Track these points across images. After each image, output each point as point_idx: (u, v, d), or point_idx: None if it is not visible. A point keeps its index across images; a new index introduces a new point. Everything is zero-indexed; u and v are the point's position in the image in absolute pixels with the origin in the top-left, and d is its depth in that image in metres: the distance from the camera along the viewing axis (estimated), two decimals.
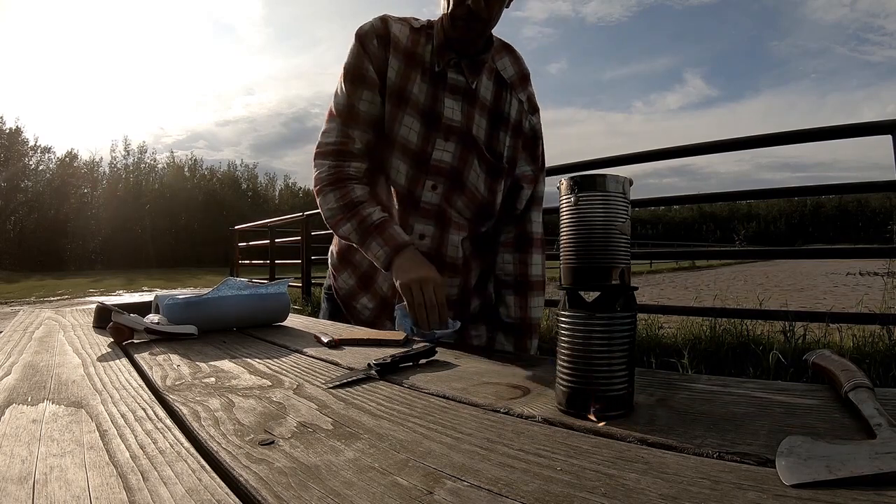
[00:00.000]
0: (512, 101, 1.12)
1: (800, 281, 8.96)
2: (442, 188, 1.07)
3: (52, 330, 1.05)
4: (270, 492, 0.32)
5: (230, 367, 0.68)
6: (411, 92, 1.05)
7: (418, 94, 1.06)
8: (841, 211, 55.71)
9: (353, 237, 1.04)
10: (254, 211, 33.25)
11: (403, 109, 1.05)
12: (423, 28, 1.09)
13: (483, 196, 1.10)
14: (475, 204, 1.10)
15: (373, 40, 1.05)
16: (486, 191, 1.10)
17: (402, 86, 1.05)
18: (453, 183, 1.08)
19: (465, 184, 1.08)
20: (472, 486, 0.32)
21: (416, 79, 1.06)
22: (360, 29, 1.07)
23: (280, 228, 7.14)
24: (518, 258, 1.16)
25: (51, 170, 33.90)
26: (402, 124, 1.05)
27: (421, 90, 1.06)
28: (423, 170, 1.06)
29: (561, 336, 0.48)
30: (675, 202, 6.13)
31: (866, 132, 2.38)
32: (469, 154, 1.08)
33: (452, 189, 1.08)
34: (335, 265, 1.22)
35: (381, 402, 0.51)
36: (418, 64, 1.06)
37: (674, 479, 0.33)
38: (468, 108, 1.08)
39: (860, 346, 2.44)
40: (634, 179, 0.50)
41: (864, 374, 0.46)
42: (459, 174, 1.08)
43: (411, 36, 1.07)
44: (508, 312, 1.16)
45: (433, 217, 1.09)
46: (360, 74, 1.05)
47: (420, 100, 1.06)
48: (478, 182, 1.09)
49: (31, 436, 0.43)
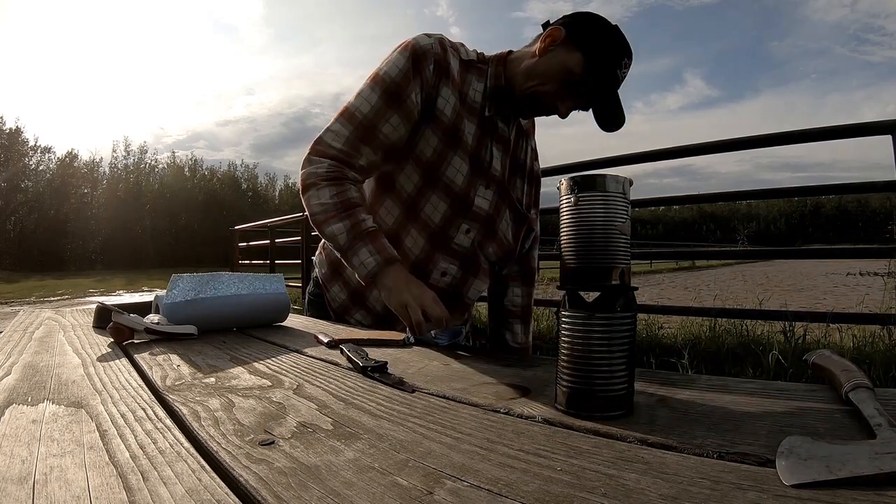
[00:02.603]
0: (527, 147, 1.16)
1: (800, 281, 8.96)
2: (475, 233, 1.08)
3: (52, 330, 1.05)
4: (270, 492, 0.32)
5: (230, 367, 0.68)
6: (465, 133, 1.02)
7: (469, 136, 1.03)
8: (841, 211, 55.71)
9: (340, 238, 0.95)
10: (254, 211, 33.28)
11: (455, 150, 1.01)
12: (473, 64, 1.04)
13: (509, 243, 1.14)
14: (503, 250, 1.14)
15: (430, 64, 0.97)
16: (513, 238, 1.15)
17: (457, 125, 1.01)
18: (487, 230, 1.10)
19: (497, 232, 1.11)
20: (472, 486, 0.32)
21: (469, 120, 1.03)
22: (417, 45, 0.97)
23: (280, 228, 7.13)
24: (525, 291, 1.26)
25: (51, 170, 33.96)
26: (451, 164, 1.02)
27: (471, 133, 1.03)
28: (462, 213, 1.05)
29: (561, 336, 0.48)
30: (675, 202, 6.13)
31: (866, 132, 2.38)
32: (503, 203, 1.10)
33: (485, 235, 1.10)
34: (325, 276, 1.17)
35: (381, 402, 0.51)
36: (471, 105, 1.03)
37: (674, 479, 0.33)
38: (504, 156, 1.09)
39: (860, 346, 2.44)
40: (634, 179, 0.50)
41: (864, 374, 0.46)
42: (493, 222, 1.10)
43: (461, 71, 1.02)
44: (515, 339, 1.25)
45: (461, 258, 1.09)
46: (400, 96, 0.96)
47: (470, 143, 1.03)
48: (507, 231, 1.13)
49: (31, 436, 0.43)
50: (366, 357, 0.66)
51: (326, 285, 1.17)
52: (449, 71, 0.99)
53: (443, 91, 0.99)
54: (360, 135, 0.97)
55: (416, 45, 0.97)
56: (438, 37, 1.00)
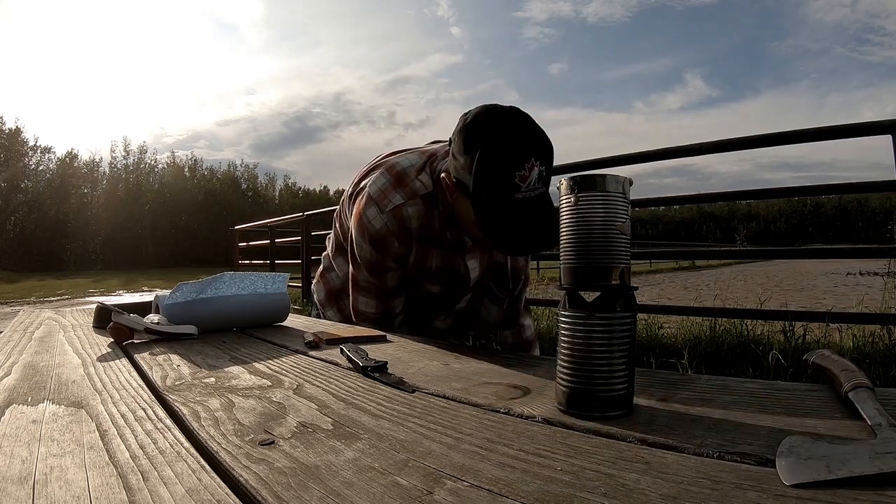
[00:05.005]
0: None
1: (800, 281, 8.95)
2: (453, 321, 1.20)
3: (52, 330, 1.05)
4: (270, 492, 0.32)
5: (230, 367, 0.68)
6: (431, 264, 1.06)
7: (438, 263, 1.07)
8: (841, 211, 55.71)
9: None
10: (254, 211, 33.27)
11: (426, 278, 1.08)
12: (431, 195, 1.01)
13: (492, 319, 1.24)
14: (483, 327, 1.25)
15: (393, 243, 1.01)
16: (496, 315, 1.23)
17: (421, 262, 1.05)
18: (466, 319, 1.21)
19: (478, 317, 1.22)
20: (472, 486, 0.32)
21: (434, 253, 1.05)
22: (374, 230, 1.00)
23: (280, 228, 7.13)
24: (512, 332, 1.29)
25: (51, 170, 33.96)
26: (424, 285, 1.10)
27: (440, 259, 1.06)
28: (440, 310, 1.17)
29: (561, 336, 0.48)
30: (675, 202, 6.12)
31: (866, 132, 2.37)
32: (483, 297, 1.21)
33: (464, 322, 1.21)
34: (321, 300, 1.28)
35: (381, 402, 0.51)
36: (434, 238, 1.04)
37: (674, 479, 0.33)
38: (482, 255, 1.11)
39: (860, 346, 2.44)
40: (634, 179, 0.50)
41: (864, 374, 0.46)
42: (475, 313, 1.21)
43: (425, 212, 1.01)
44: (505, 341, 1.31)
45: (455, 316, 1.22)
46: (382, 267, 1.05)
47: (439, 265, 1.07)
48: (488, 315, 1.24)
49: (31, 436, 0.43)
50: (366, 357, 0.66)
51: (322, 306, 1.28)
52: (411, 232, 1.02)
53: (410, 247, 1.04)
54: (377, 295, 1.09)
55: (373, 234, 1.01)
56: (393, 210, 1.00)
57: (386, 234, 1.00)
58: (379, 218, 1.00)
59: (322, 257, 1.31)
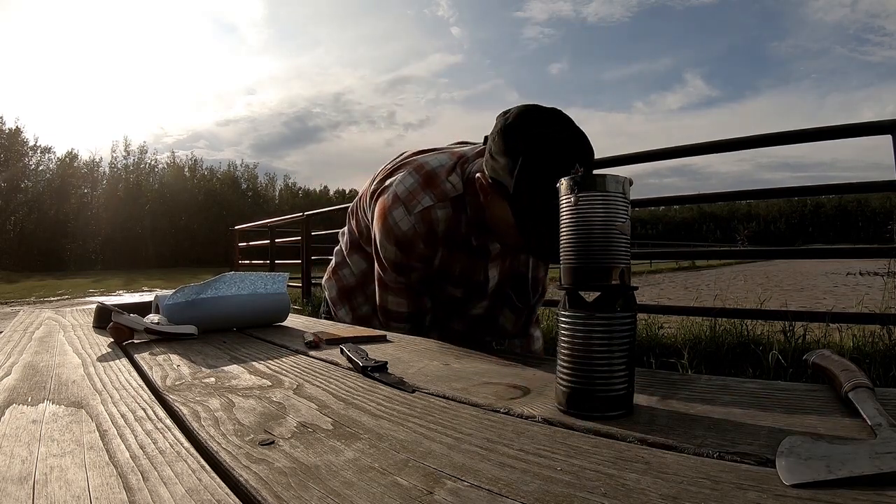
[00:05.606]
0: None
1: (800, 281, 8.95)
2: (469, 325, 1.16)
3: (52, 330, 1.05)
4: (270, 492, 0.32)
5: (230, 367, 0.68)
6: (455, 269, 1.05)
7: (461, 268, 1.05)
8: (841, 211, 55.70)
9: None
10: (254, 211, 33.28)
11: (448, 281, 1.07)
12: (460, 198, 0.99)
13: (509, 329, 1.21)
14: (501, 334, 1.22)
15: (419, 245, 0.99)
16: (513, 324, 1.21)
17: (446, 265, 1.04)
18: (483, 325, 1.18)
19: (496, 325, 1.19)
20: (472, 486, 0.32)
21: (458, 258, 1.04)
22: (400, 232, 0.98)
23: (280, 228, 7.13)
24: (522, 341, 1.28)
25: (51, 170, 33.98)
26: (446, 288, 1.08)
27: (462, 263, 1.05)
28: (455, 314, 1.14)
29: (561, 336, 0.48)
30: (675, 202, 6.12)
31: (866, 132, 2.37)
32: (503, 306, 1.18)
33: (480, 328, 1.18)
34: (332, 298, 1.25)
35: (381, 402, 0.51)
36: (460, 243, 1.02)
37: (674, 479, 0.33)
38: (503, 264, 1.11)
39: (860, 346, 2.44)
40: (634, 179, 0.50)
41: (864, 374, 0.46)
42: (493, 321, 1.18)
43: (452, 216, 0.99)
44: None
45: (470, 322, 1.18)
46: (409, 266, 1.02)
47: (461, 270, 1.06)
48: (506, 323, 1.20)
49: (31, 436, 0.43)
50: (366, 357, 0.66)
51: (334, 305, 1.25)
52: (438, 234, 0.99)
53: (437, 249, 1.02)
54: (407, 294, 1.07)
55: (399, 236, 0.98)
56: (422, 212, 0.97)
57: (413, 236, 0.97)
58: (406, 220, 0.97)
59: (334, 252, 1.27)
